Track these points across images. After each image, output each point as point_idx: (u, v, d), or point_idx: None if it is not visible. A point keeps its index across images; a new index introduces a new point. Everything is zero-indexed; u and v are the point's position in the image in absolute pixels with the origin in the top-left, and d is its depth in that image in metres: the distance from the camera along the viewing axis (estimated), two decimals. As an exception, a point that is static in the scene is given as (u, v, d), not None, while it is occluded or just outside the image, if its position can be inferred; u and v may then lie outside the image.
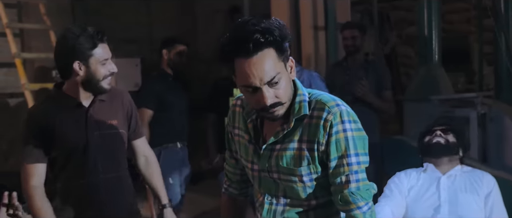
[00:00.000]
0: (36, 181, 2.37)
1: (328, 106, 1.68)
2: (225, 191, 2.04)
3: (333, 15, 4.78)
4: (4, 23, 4.89)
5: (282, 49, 1.62)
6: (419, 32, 4.53)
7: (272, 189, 1.81)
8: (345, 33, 4.22)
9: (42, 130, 2.37)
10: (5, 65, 5.28)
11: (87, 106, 2.41)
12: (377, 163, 4.03)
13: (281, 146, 1.74)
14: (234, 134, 1.89)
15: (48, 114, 2.39)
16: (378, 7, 5.66)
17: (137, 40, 5.79)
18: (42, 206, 2.36)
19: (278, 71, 1.61)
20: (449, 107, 4.04)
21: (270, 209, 1.81)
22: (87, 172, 2.40)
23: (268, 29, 1.58)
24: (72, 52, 2.31)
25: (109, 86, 2.39)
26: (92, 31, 2.31)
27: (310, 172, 1.73)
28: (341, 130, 1.67)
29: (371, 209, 1.73)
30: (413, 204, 2.66)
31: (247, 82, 1.61)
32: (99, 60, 2.33)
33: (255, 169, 1.82)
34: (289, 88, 1.67)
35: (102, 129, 2.42)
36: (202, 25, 6.60)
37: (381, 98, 4.14)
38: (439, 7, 4.64)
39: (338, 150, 1.68)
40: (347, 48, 4.22)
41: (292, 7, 5.01)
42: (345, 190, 1.69)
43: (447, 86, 4.48)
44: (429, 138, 2.74)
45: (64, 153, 2.40)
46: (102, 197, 2.43)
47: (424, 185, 2.69)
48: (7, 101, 5.34)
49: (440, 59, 4.51)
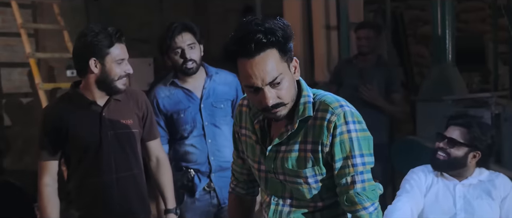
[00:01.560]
0: (49, 179, 2.41)
1: (332, 108, 1.68)
2: (232, 191, 2.04)
3: (346, 15, 4.75)
4: (19, 24, 4.94)
5: (285, 49, 1.61)
6: (433, 32, 4.48)
7: (278, 190, 1.81)
8: (359, 33, 4.19)
9: (56, 129, 2.39)
10: (20, 65, 5.34)
11: (102, 105, 2.42)
12: (385, 164, 4.00)
13: (286, 147, 1.74)
14: (241, 134, 1.89)
15: (62, 113, 2.41)
16: (392, 6, 5.63)
17: (150, 40, 5.81)
18: (47, 204, 2.39)
19: (281, 72, 1.61)
20: (463, 108, 3.99)
21: (276, 209, 1.81)
22: (100, 171, 2.42)
23: (270, 30, 1.58)
24: (89, 49, 2.33)
25: (124, 87, 2.40)
26: (111, 30, 2.35)
27: (315, 173, 1.72)
28: (345, 130, 1.67)
29: (377, 209, 1.72)
30: (429, 206, 2.61)
31: (249, 83, 1.62)
32: (115, 59, 2.35)
33: (261, 169, 1.82)
34: (292, 88, 1.67)
35: (116, 128, 2.43)
36: (214, 24, 6.61)
37: (391, 101, 4.10)
38: (454, 6, 4.60)
39: (343, 151, 1.68)
40: (361, 48, 4.19)
41: (304, 6, 5.00)
42: (350, 191, 1.69)
43: (461, 86, 4.43)
44: (436, 147, 2.62)
45: (78, 152, 2.42)
46: (115, 196, 2.44)
47: (440, 190, 2.62)
48: (21, 101, 5.40)
49: (454, 59, 4.45)
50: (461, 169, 2.60)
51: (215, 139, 2.81)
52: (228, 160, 2.26)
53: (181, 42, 2.71)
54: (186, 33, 2.72)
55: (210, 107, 2.81)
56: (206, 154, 2.80)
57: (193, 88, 2.82)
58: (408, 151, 3.96)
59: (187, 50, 2.71)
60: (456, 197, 2.59)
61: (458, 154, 2.57)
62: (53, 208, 2.39)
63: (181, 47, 2.72)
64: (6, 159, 5.19)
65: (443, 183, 2.63)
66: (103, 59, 2.34)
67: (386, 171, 4.00)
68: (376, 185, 1.73)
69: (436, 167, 2.63)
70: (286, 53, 1.62)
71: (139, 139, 2.54)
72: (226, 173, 2.66)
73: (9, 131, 5.35)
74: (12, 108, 5.34)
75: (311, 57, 5.05)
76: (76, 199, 2.47)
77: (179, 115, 2.79)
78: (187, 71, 2.76)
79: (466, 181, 2.62)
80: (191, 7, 6.72)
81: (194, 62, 2.74)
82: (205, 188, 2.82)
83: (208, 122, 2.80)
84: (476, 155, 2.59)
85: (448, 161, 2.58)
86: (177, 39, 2.71)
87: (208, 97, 2.81)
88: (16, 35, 5.16)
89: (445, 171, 2.62)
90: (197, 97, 2.82)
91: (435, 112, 3.96)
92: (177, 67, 2.77)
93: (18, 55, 5.29)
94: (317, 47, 5.00)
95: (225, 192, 2.58)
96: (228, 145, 2.43)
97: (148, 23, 6.24)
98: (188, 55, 2.71)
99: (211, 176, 2.81)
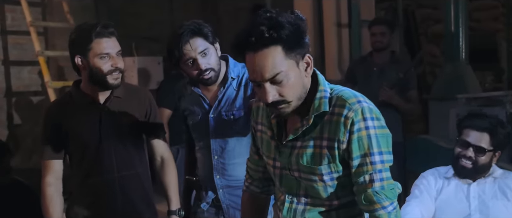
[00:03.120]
0: (51, 178, 2.39)
1: (349, 103, 1.63)
2: (246, 189, 1.99)
3: (357, 12, 4.72)
4: (28, 22, 4.95)
5: (293, 46, 1.57)
6: (446, 30, 4.44)
7: (293, 187, 1.77)
8: (373, 29, 4.15)
9: (57, 128, 2.38)
10: (29, 63, 5.34)
11: (102, 103, 2.39)
12: (400, 163, 3.95)
13: (302, 143, 1.70)
14: (257, 130, 1.86)
15: (63, 112, 2.40)
16: (403, 4, 5.58)
17: (159, 38, 5.79)
18: (50, 204, 2.36)
19: (283, 69, 1.57)
20: (476, 106, 3.94)
21: (290, 207, 1.77)
22: (102, 170, 2.39)
23: (276, 26, 1.54)
24: (72, 47, 2.33)
25: (116, 82, 2.34)
26: (92, 26, 2.28)
27: (330, 171, 1.68)
28: (363, 127, 1.61)
29: (396, 209, 1.67)
30: (442, 209, 2.57)
31: (251, 77, 1.62)
32: (96, 54, 2.29)
33: (276, 166, 1.78)
34: (298, 87, 1.62)
35: (117, 126, 2.40)
36: (225, 23, 6.59)
37: (406, 99, 4.06)
38: (466, 5, 4.55)
39: (361, 148, 1.62)
40: (375, 45, 4.15)
41: (315, 4, 4.97)
42: (369, 190, 1.64)
43: (474, 85, 4.38)
44: (458, 153, 2.54)
45: (79, 150, 2.40)
46: (118, 195, 2.41)
47: (454, 190, 2.58)
48: (30, 99, 5.40)
49: (467, 57, 4.41)
50: (484, 173, 2.56)
51: (222, 157, 2.42)
52: (239, 179, 2.08)
53: (191, 52, 2.28)
54: (195, 38, 2.29)
55: (220, 119, 2.41)
56: (211, 171, 2.45)
57: (208, 93, 2.45)
58: (421, 150, 3.92)
59: (200, 60, 2.29)
60: (470, 197, 2.55)
61: (485, 160, 2.52)
62: (56, 207, 2.37)
63: (192, 57, 2.29)
64: (15, 157, 5.19)
65: (455, 184, 2.59)
66: (86, 55, 2.30)
67: (401, 170, 3.93)
68: (395, 184, 1.68)
69: (461, 175, 2.57)
70: (293, 50, 1.58)
71: (142, 137, 2.50)
72: (236, 191, 2.36)
73: (19, 129, 5.35)
74: (22, 106, 5.34)
75: (322, 55, 5.02)
76: (79, 199, 2.45)
77: (191, 119, 2.49)
78: (206, 82, 2.36)
79: (481, 180, 2.57)
80: (201, 6, 6.69)
81: (211, 70, 2.32)
82: (214, 202, 2.50)
83: (216, 136, 2.42)
84: (496, 155, 2.56)
85: (474, 168, 2.52)
86: (185, 48, 2.27)
87: (219, 106, 2.41)
88: (25, 34, 5.16)
89: (471, 178, 2.56)
90: (209, 104, 2.44)
91: (448, 111, 3.91)
92: (193, 78, 2.38)
93: (28, 54, 5.29)
94: (328, 45, 4.97)
95: (233, 211, 2.43)
96: (239, 162, 2.12)
97: (157, 21, 6.24)
98: (203, 65, 2.29)
99: (219, 192, 2.46)
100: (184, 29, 2.28)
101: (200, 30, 2.30)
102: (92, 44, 2.28)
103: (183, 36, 2.27)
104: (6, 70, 5.26)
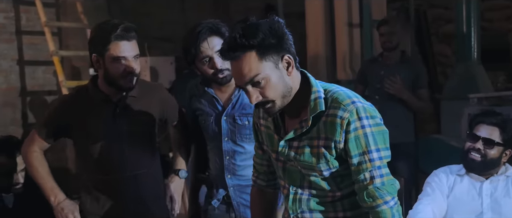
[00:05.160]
0: (37, 148, 2.45)
1: (344, 105, 1.69)
2: (253, 184, 2.04)
3: (369, 12, 4.72)
4: (43, 22, 5.00)
5: (267, 50, 1.66)
6: (457, 30, 4.44)
7: (297, 179, 1.82)
8: (382, 29, 4.16)
9: (66, 120, 2.40)
10: (44, 63, 5.39)
11: (116, 101, 2.39)
12: (412, 162, 3.95)
13: (299, 143, 1.77)
14: (260, 124, 1.91)
15: (77, 106, 2.41)
16: (414, 4, 5.57)
17: (171, 38, 5.83)
18: (39, 165, 2.44)
19: (259, 72, 1.66)
20: (488, 106, 3.94)
21: (295, 198, 1.82)
22: (114, 168, 2.40)
23: (248, 33, 1.64)
24: (91, 45, 2.33)
25: (131, 84, 2.33)
26: (112, 27, 2.26)
27: (329, 167, 1.75)
28: (359, 126, 1.68)
29: (397, 203, 1.73)
30: (454, 207, 2.57)
31: (235, 82, 1.78)
32: (112, 57, 2.28)
33: (280, 159, 1.84)
34: (280, 86, 1.70)
35: (130, 125, 2.40)
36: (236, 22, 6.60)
37: (418, 97, 4.06)
38: (478, 5, 4.54)
39: (359, 147, 1.69)
40: (384, 45, 4.15)
41: (326, 4, 4.97)
42: (370, 186, 1.69)
43: (486, 85, 4.38)
44: (468, 147, 2.56)
45: (91, 147, 2.40)
46: (130, 193, 2.42)
47: (466, 188, 2.58)
48: (45, 99, 5.45)
49: (479, 57, 4.41)
50: (494, 169, 2.56)
51: (234, 158, 2.42)
52: (250, 178, 2.08)
53: (208, 50, 2.28)
54: (213, 37, 2.29)
55: (233, 122, 2.40)
56: (222, 171, 2.45)
57: (221, 94, 2.43)
58: (433, 150, 3.92)
59: (216, 59, 2.27)
60: (482, 195, 2.55)
61: (494, 154, 2.52)
62: (45, 167, 2.44)
63: (208, 56, 2.29)
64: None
65: (468, 182, 2.59)
66: (103, 56, 2.29)
67: (412, 170, 3.93)
68: (394, 179, 1.74)
69: (470, 169, 2.58)
70: (268, 54, 1.66)
71: (155, 136, 2.51)
72: (246, 189, 2.33)
73: (33, 128, 5.40)
74: (36, 106, 5.39)
75: (334, 55, 5.03)
76: (91, 197, 2.45)
77: (203, 119, 2.48)
78: (220, 82, 2.35)
79: (493, 178, 2.57)
80: (213, 6, 6.72)
81: (227, 69, 2.30)
82: (225, 199, 2.50)
83: (228, 138, 2.41)
84: (507, 153, 2.55)
85: (483, 162, 2.53)
86: (203, 46, 2.28)
87: (233, 109, 2.40)
88: (40, 34, 5.21)
89: (480, 172, 2.57)
90: (222, 106, 2.43)
91: (460, 110, 3.92)
92: (208, 77, 2.38)
93: (42, 54, 5.34)
94: (339, 45, 4.97)
95: (243, 208, 2.43)
96: (250, 164, 2.08)
97: (169, 21, 6.27)
98: (219, 65, 2.29)
99: (229, 190, 2.46)
100: (202, 27, 2.29)
101: (218, 29, 2.31)
102: (110, 45, 2.26)
103: (201, 34, 2.28)
104: (21, 70, 5.31)
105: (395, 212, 1.71)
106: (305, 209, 1.81)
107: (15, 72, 5.27)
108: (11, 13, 5.23)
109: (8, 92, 5.23)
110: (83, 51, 5.15)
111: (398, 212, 1.72)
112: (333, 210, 1.80)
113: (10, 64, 5.25)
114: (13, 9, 5.23)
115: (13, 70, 5.26)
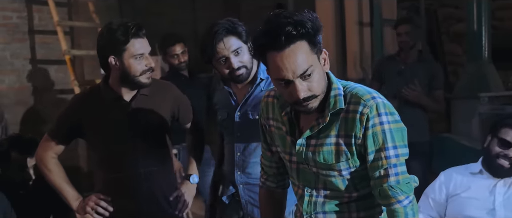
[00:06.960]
0: (53, 154, 2.47)
1: (364, 100, 1.65)
2: (262, 185, 2.01)
3: (379, 12, 4.72)
4: (55, 21, 5.04)
5: (315, 41, 1.60)
6: (468, 29, 4.43)
7: (311, 181, 1.79)
8: (399, 29, 4.12)
9: (78, 119, 2.42)
10: (56, 62, 5.44)
11: (128, 101, 2.42)
12: (426, 161, 3.93)
13: (317, 141, 1.72)
14: (269, 126, 1.87)
15: (89, 105, 2.43)
16: (425, 3, 5.56)
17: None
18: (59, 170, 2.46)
19: (311, 64, 1.59)
20: (499, 105, 3.93)
21: (310, 201, 1.79)
22: (126, 166, 2.42)
23: (300, 22, 1.57)
24: (107, 47, 2.34)
25: (149, 81, 2.37)
26: (127, 27, 2.30)
27: (349, 166, 1.71)
28: (377, 122, 1.64)
29: (412, 202, 1.69)
30: (465, 204, 2.57)
31: (279, 76, 1.60)
32: (132, 55, 2.31)
33: (293, 160, 1.80)
34: (322, 80, 1.65)
35: (143, 123, 2.42)
36: (247, 22, 6.61)
37: (433, 98, 4.04)
38: (489, 4, 4.53)
39: (376, 143, 1.65)
40: (402, 44, 4.11)
41: (337, 3, 4.98)
42: (384, 184, 1.66)
43: (497, 84, 4.36)
44: (497, 153, 2.51)
45: (104, 146, 2.43)
46: (142, 191, 2.43)
47: (478, 187, 2.57)
48: (57, 97, 5.49)
49: (490, 56, 4.39)
50: None
51: (244, 154, 2.43)
52: (258, 177, 2.07)
53: (225, 50, 2.28)
54: (229, 37, 2.29)
55: (246, 117, 2.41)
56: (233, 166, 2.46)
57: (238, 91, 2.45)
58: (444, 149, 3.92)
59: (233, 58, 2.29)
60: (495, 194, 2.54)
61: None
62: (61, 173, 2.46)
63: (225, 56, 2.30)
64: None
65: (481, 180, 2.58)
66: (121, 56, 2.31)
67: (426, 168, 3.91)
68: (411, 177, 1.69)
69: (500, 175, 2.55)
70: (315, 45, 1.60)
71: (167, 134, 2.53)
72: (254, 188, 2.33)
73: (45, 127, 5.44)
74: (48, 105, 5.44)
75: (344, 54, 5.03)
76: (104, 194, 2.46)
77: (219, 114, 2.51)
78: (237, 80, 2.36)
79: (509, 179, 2.56)
80: (223, 5, 6.74)
81: (243, 67, 2.32)
82: (234, 196, 2.51)
83: (240, 133, 2.42)
84: None
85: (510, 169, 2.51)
86: (219, 47, 2.28)
87: (245, 104, 2.42)
88: (52, 33, 5.26)
89: (500, 177, 2.55)
90: (236, 101, 2.45)
91: (470, 109, 3.91)
92: (224, 77, 2.39)
93: (54, 53, 5.39)
94: (349, 44, 4.98)
95: (251, 207, 2.44)
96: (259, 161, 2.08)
97: (180, 21, 6.30)
98: (235, 64, 2.30)
99: (239, 188, 2.47)
100: (218, 27, 2.29)
101: (235, 29, 2.30)
102: (128, 45, 2.30)
103: (218, 34, 2.27)
104: (34, 68, 5.37)
105: (408, 211, 1.67)
106: (319, 211, 1.78)
107: (28, 71, 5.33)
108: (24, 12, 5.27)
109: (20, 91, 5.28)
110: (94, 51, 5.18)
111: (413, 210, 1.68)
112: (348, 210, 1.77)
113: (23, 63, 5.30)
114: (26, 9, 5.27)
115: (25, 69, 5.31)
